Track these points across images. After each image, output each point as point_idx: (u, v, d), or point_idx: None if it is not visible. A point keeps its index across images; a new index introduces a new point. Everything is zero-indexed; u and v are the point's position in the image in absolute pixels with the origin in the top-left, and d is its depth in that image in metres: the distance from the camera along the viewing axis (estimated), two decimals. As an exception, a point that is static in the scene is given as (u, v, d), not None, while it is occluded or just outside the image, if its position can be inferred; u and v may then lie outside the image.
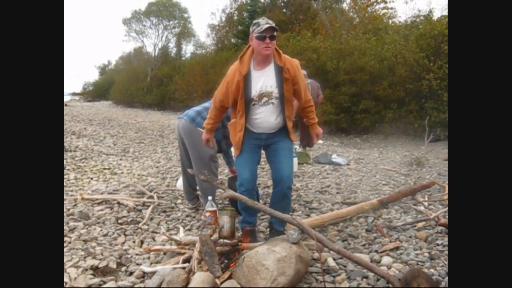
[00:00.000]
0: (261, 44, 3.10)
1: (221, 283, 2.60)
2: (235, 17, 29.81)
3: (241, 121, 3.31)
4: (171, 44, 38.83)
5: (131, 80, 32.35)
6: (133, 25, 37.73)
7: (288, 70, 3.21)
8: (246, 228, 3.56)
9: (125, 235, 3.94)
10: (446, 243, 3.48)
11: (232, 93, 3.25)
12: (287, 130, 3.43)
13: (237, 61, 3.26)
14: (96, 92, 47.21)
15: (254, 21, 3.17)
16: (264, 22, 3.09)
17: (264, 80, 3.23)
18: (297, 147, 8.24)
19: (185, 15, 37.33)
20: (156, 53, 37.12)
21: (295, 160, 6.89)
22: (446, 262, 3.08)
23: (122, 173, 6.87)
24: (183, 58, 35.91)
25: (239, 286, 2.57)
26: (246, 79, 3.19)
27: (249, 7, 25.77)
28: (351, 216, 4.17)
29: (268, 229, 3.76)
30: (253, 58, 3.25)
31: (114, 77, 41.13)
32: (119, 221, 4.34)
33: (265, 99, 3.26)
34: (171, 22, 36.96)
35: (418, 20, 16.47)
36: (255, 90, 3.23)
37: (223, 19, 31.46)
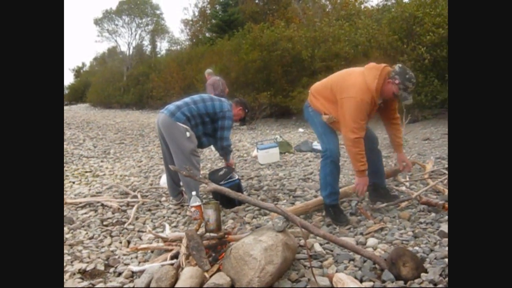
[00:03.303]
0: (391, 96, 3.52)
1: (210, 276, 2.61)
2: (208, 11, 29.63)
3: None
4: (145, 42, 38.49)
5: (107, 81, 31.91)
6: (105, 25, 37.17)
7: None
8: (337, 202, 3.80)
9: (111, 237, 3.92)
10: (429, 220, 3.56)
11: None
12: None
13: (371, 91, 3.40)
14: (72, 95, 46.34)
15: (408, 76, 3.40)
16: (408, 97, 3.48)
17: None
18: (278, 137, 8.28)
19: (158, 12, 36.98)
20: (131, 52, 36.72)
21: (277, 149, 6.93)
22: (430, 239, 3.15)
23: (104, 175, 6.82)
24: (159, 56, 35.58)
25: (228, 278, 2.58)
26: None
27: (221, 0, 25.61)
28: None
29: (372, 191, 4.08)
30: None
31: (89, 79, 40.48)
32: (104, 223, 4.31)
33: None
34: (143, 20, 36.56)
35: (389, 3, 16.58)
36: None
37: (196, 13, 31.27)
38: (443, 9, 10.29)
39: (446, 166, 5.46)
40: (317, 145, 7.71)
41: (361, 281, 2.59)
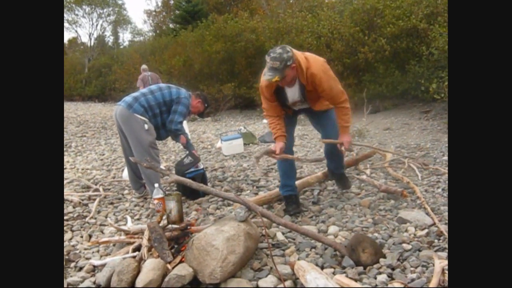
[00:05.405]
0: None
1: (173, 268, 2.61)
2: (172, 2, 29.23)
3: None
4: (107, 33, 37.67)
5: (68, 73, 30.99)
6: (65, 15, 36.07)
7: (310, 84, 3.42)
8: (287, 193, 3.83)
9: (72, 231, 3.84)
10: (388, 208, 3.67)
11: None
12: None
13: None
14: (31, 88, 44.99)
15: (269, 51, 3.29)
16: (267, 73, 3.25)
17: (292, 94, 3.57)
18: (242, 128, 8.29)
19: (119, 2, 36.28)
20: (92, 43, 35.84)
21: (241, 140, 6.94)
22: (389, 226, 3.25)
23: (65, 168, 6.66)
24: (121, 47, 34.94)
25: (190, 269, 2.58)
26: (277, 93, 3.57)
27: (185, -10, 25.28)
28: (298, 190, 4.26)
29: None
30: None
31: (49, 71, 39.31)
32: (65, 217, 4.21)
33: (298, 103, 3.68)
34: (105, 10, 35.70)
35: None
36: (288, 101, 3.62)
37: (160, 4, 30.86)
38: (403, 1, 10.51)
39: (406, 155, 5.61)
40: (281, 136, 7.75)
41: (322, 268, 2.64)
